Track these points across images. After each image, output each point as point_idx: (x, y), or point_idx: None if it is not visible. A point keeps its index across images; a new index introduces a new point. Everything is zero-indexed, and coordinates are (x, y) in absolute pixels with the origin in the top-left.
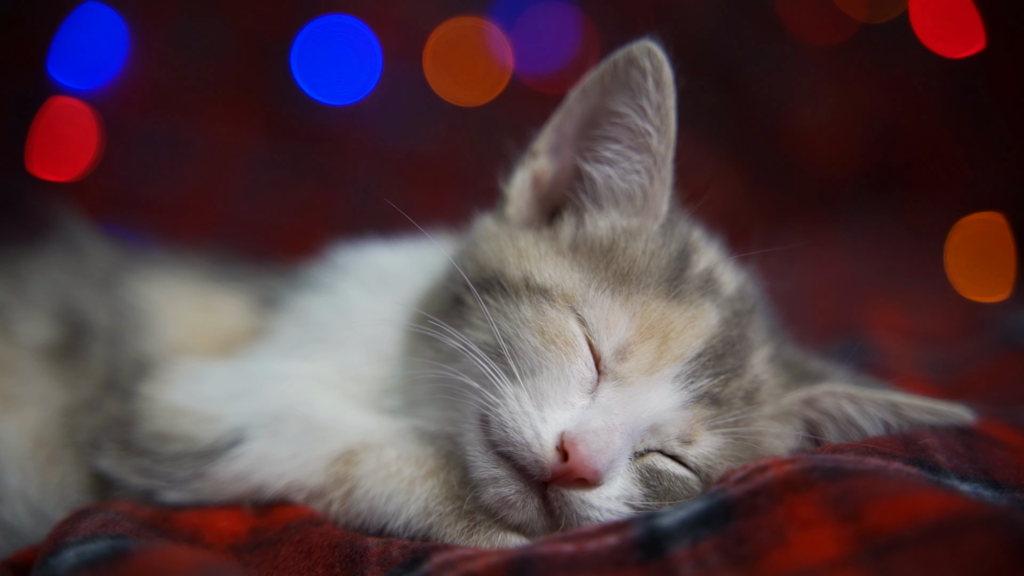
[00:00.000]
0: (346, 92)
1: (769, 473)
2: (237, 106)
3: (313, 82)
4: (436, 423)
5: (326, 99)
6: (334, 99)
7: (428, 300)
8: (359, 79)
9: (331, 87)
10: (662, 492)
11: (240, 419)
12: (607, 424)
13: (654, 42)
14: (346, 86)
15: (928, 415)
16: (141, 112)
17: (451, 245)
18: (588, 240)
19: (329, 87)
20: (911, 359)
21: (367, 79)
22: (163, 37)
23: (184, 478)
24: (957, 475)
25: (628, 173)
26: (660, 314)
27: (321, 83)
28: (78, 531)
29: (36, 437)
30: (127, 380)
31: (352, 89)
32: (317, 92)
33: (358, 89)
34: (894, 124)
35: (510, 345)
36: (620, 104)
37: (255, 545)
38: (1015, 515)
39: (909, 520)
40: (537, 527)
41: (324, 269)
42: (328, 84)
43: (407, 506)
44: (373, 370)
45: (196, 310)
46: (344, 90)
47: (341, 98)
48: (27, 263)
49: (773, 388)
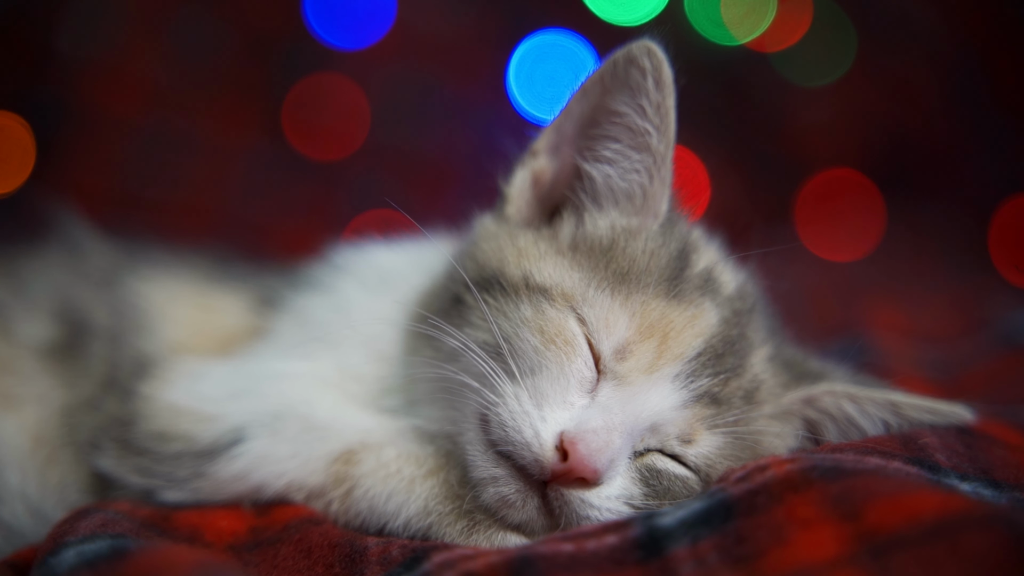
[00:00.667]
0: None
1: (769, 472)
2: (237, 106)
3: None
4: (436, 422)
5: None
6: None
7: (428, 299)
8: None
9: None
10: (662, 491)
11: (240, 418)
12: (607, 423)
13: (654, 41)
14: None
15: (928, 414)
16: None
17: (451, 245)
18: (588, 239)
19: None
20: (911, 358)
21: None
22: (163, 37)
23: (184, 477)
24: (957, 474)
25: (628, 172)
26: (660, 313)
27: None
28: (78, 530)
29: (36, 436)
30: (127, 379)
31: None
32: None
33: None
34: (894, 124)
35: (510, 344)
36: (620, 103)
37: (255, 544)
38: (1015, 514)
39: (909, 519)
40: (537, 526)
41: (324, 268)
42: None
43: (407, 505)
44: (373, 369)
45: (196, 310)
46: None
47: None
48: (27, 263)
49: (773, 387)
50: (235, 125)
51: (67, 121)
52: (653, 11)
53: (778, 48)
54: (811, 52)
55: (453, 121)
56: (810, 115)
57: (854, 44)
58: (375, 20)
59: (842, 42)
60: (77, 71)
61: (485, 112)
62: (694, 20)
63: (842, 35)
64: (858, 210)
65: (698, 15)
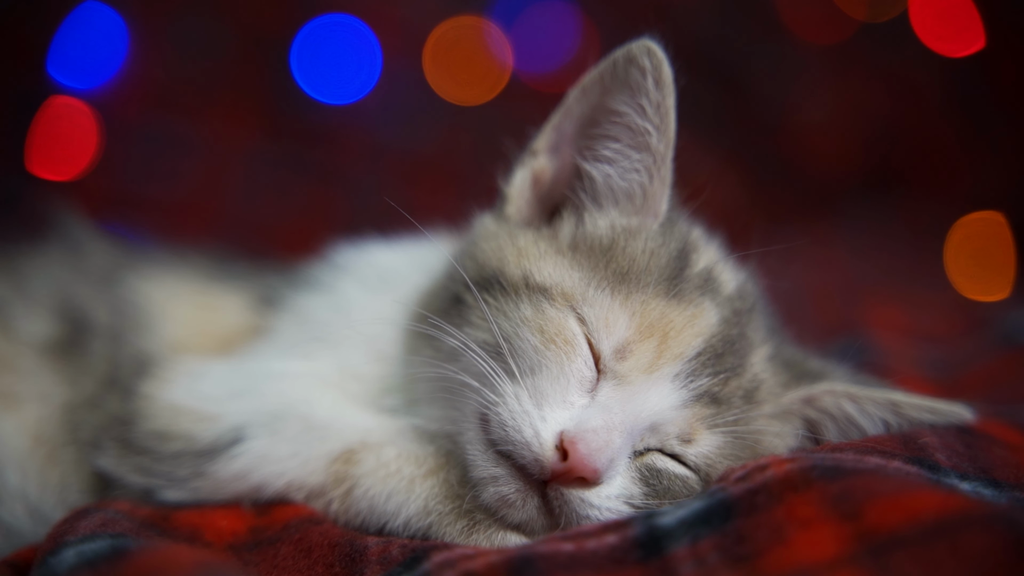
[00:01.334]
0: (346, 91)
1: (769, 472)
2: (237, 106)
3: (313, 81)
4: (436, 422)
5: (326, 98)
6: (334, 98)
7: (428, 299)
8: (359, 78)
9: (331, 86)
10: (662, 491)
11: (240, 418)
12: (607, 423)
13: (653, 41)
14: (346, 85)
15: (928, 414)
16: (141, 111)
17: (451, 244)
18: (588, 239)
19: (329, 86)
20: (911, 358)
21: (367, 78)
22: (163, 37)
23: (184, 477)
24: (957, 474)
25: (628, 172)
26: (660, 313)
27: (321, 82)
28: (78, 530)
29: (36, 436)
30: (128, 378)
31: (352, 88)
32: (317, 91)
33: (358, 88)
34: (894, 124)
35: (510, 344)
36: (620, 103)
37: (255, 544)
38: (1015, 514)
39: (909, 519)
40: (537, 526)
41: (324, 268)
42: (328, 83)
43: (407, 505)
44: (373, 369)
45: (196, 308)
46: (344, 89)
47: (341, 97)
48: (27, 261)
49: (773, 387)
50: (235, 125)
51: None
52: None
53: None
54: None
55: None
56: (810, 114)
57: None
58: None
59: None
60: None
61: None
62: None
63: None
64: None
65: None
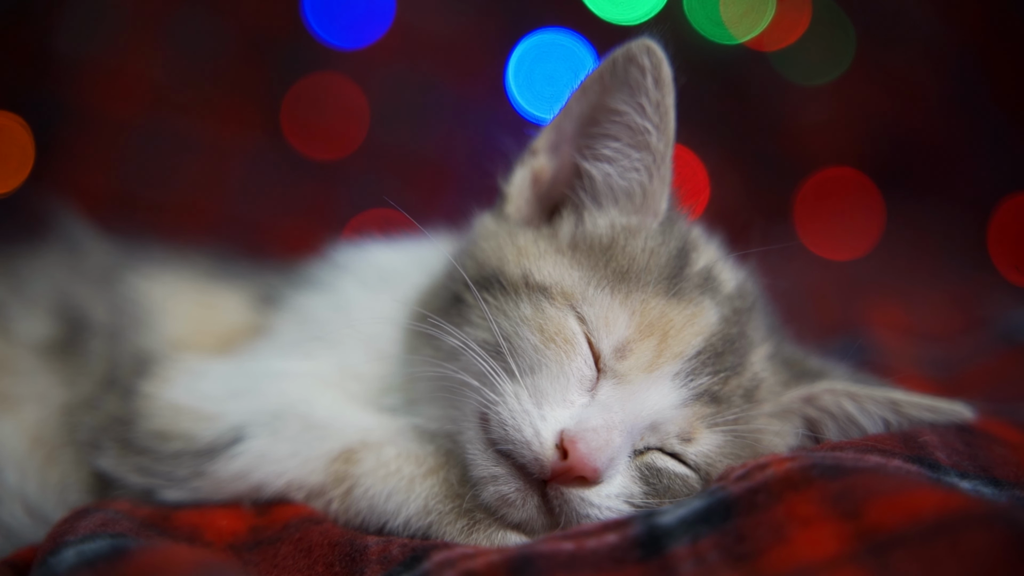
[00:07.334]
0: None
1: (769, 471)
2: (237, 106)
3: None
4: (436, 421)
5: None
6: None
7: (428, 298)
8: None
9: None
10: (662, 490)
11: (240, 417)
12: (607, 422)
13: (653, 40)
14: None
15: (928, 412)
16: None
17: (451, 243)
18: (587, 238)
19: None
20: (911, 357)
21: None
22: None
23: (184, 476)
24: (957, 472)
25: (627, 171)
26: (660, 312)
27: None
28: (78, 530)
29: (35, 436)
30: (127, 377)
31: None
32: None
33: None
34: (893, 123)
35: (509, 343)
36: (619, 102)
37: (255, 544)
38: (1015, 512)
39: (909, 517)
40: (537, 525)
41: (324, 267)
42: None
43: (407, 504)
44: (373, 368)
45: (196, 307)
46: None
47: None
48: (25, 261)
49: (773, 386)
50: (235, 125)
51: (67, 121)
52: (652, 10)
53: (777, 47)
54: (810, 51)
55: (453, 120)
56: (810, 114)
57: (853, 43)
58: (374, 19)
59: (841, 41)
60: (77, 71)
61: (485, 112)
62: (693, 19)
63: (841, 34)
64: (857, 208)
65: (697, 14)
